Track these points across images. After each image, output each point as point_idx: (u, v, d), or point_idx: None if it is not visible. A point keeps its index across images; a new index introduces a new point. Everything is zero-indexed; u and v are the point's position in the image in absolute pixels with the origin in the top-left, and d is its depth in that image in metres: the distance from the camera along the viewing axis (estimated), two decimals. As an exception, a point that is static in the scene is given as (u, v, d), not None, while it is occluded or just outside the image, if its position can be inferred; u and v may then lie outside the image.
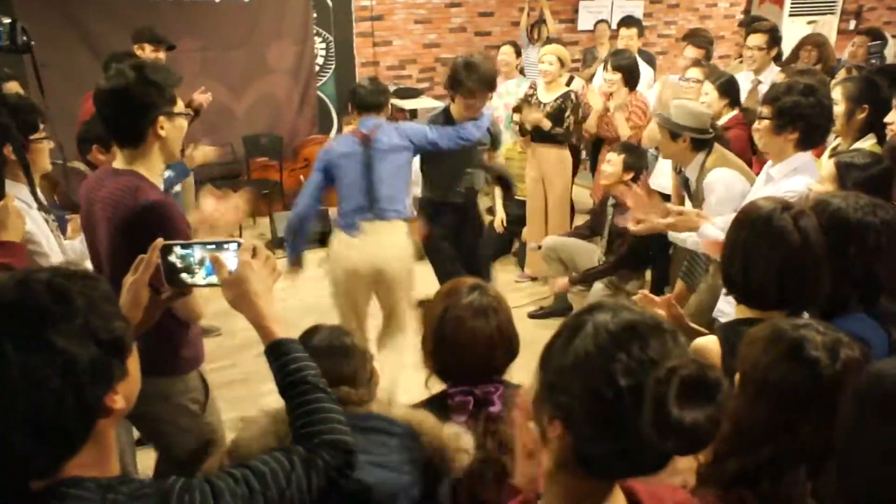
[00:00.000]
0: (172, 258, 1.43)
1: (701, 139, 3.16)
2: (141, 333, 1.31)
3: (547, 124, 4.75)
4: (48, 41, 5.06)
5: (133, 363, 1.10)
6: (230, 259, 1.38)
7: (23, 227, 2.07)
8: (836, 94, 3.13)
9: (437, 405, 1.74)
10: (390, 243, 3.41)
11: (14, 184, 2.32)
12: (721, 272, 1.88)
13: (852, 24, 9.03)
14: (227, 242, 1.41)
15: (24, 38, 1.84)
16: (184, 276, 1.44)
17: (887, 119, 2.95)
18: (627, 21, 5.85)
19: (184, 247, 1.44)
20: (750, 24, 5.41)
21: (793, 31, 8.05)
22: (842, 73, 4.11)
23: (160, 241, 1.42)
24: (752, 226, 1.78)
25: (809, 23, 8.74)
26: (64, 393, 0.96)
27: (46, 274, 1.03)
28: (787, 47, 5.63)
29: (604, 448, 0.91)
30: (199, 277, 1.44)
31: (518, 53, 5.80)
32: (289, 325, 1.38)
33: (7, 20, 1.76)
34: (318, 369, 1.31)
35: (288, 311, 4.04)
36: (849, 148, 3.02)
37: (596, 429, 0.90)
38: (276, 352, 1.31)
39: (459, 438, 1.57)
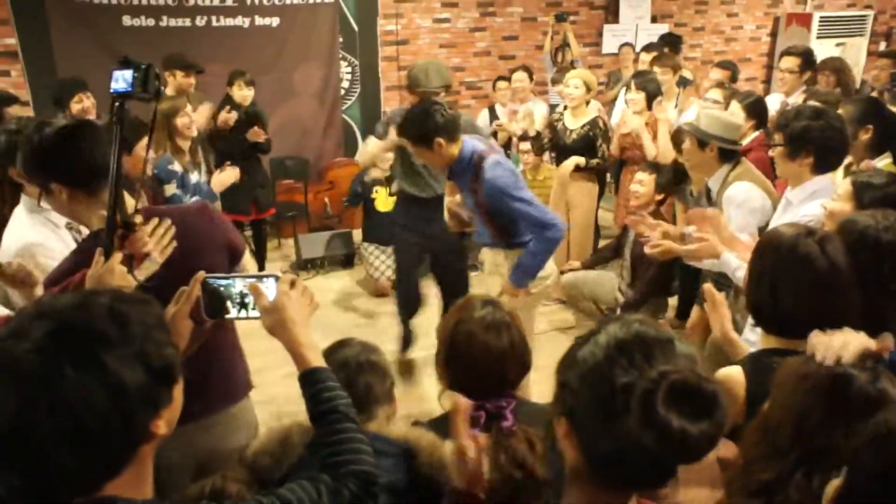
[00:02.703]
0: (212, 290, 1.47)
1: (728, 149, 3.13)
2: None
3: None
4: (80, 67, 5.19)
5: (178, 390, 1.12)
6: (269, 289, 1.43)
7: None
8: None
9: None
10: None
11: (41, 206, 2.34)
12: (747, 303, 1.84)
13: (882, 46, 8.92)
14: (266, 276, 1.46)
15: (157, 83, 1.73)
16: (223, 308, 1.48)
17: None
18: (648, 47, 6.11)
19: (224, 279, 1.48)
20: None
21: (821, 54, 7.96)
22: (866, 97, 4.06)
23: (202, 274, 1.47)
24: (776, 253, 1.74)
25: (838, 45, 8.64)
26: (112, 416, 0.98)
27: (107, 298, 1.06)
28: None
29: (603, 447, 0.94)
30: (238, 310, 1.48)
31: (531, 77, 5.89)
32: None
33: (143, 66, 1.67)
34: (349, 398, 1.35)
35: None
36: (859, 168, 2.99)
37: (594, 425, 0.94)
38: (310, 379, 1.35)
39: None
